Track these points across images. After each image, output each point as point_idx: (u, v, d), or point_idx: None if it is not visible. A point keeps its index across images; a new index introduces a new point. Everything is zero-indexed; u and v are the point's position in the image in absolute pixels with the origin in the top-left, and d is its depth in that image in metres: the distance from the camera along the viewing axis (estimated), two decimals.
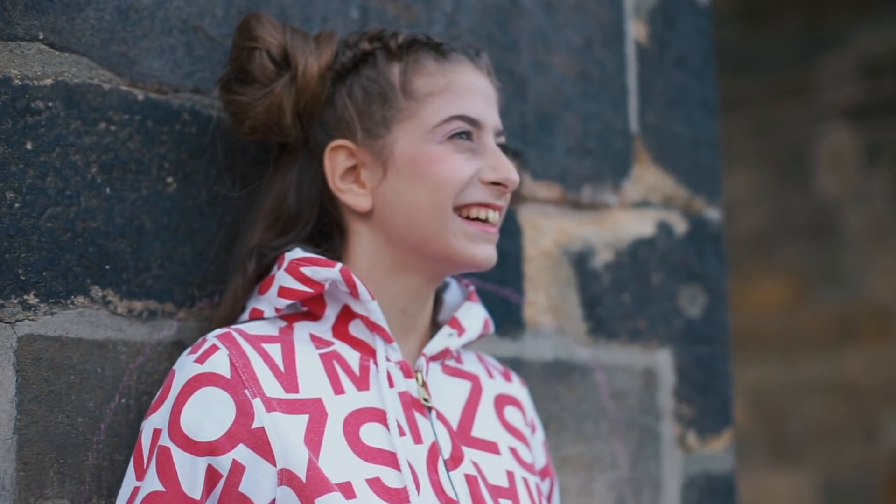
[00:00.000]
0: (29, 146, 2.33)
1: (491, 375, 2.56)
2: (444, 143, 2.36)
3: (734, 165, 7.70)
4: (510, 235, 2.97)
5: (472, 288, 2.58)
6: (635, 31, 3.29)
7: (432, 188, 2.35)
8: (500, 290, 2.94)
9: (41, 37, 2.36)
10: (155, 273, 2.45)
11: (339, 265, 2.31)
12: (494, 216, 2.40)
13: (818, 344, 7.52)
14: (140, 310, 2.43)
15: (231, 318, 2.41)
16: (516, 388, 2.60)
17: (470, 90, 2.41)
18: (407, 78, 2.40)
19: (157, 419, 2.24)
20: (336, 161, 2.41)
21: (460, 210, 2.37)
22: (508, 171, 2.38)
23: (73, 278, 2.35)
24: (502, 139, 2.46)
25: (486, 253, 2.39)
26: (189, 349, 2.29)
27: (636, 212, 3.23)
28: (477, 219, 2.38)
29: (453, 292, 2.59)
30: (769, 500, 7.43)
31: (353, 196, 2.40)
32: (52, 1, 2.37)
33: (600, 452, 3.06)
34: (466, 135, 2.38)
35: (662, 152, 3.30)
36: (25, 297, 2.30)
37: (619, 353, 3.14)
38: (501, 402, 2.52)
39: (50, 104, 2.36)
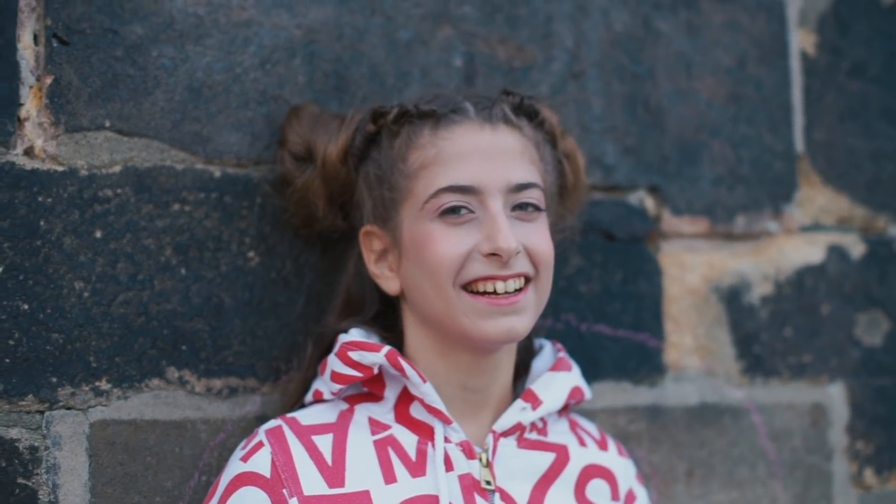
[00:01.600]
0: (98, 235, 2.13)
1: (583, 444, 2.18)
2: (435, 221, 2.01)
3: None
4: (646, 277, 2.54)
5: (561, 354, 2.19)
6: (801, 41, 2.76)
7: (429, 272, 2.01)
8: (635, 336, 2.53)
9: (108, 125, 2.15)
10: (236, 349, 2.21)
11: (385, 349, 2.01)
12: (506, 286, 2.01)
13: None
14: (220, 387, 2.20)
15: (297, 397, 2.17)
16: (612, 458, 2.20)
17: (464, 154, 2.02)
18: (401, 154, 2.06)
19: None
20: (369, 245, 2.12)
21: (470, 285, 2.00)
22: (501, 239, 1.98)
23: (147, 361, 2.14)
24: (530, 192, 2.05)
25: (500, 327, 2.00)
26: (243, 442, 2.07)
27: (804, 237, 2.71)
28: (485, 292, 1.99)
29: (544, 358, 2.22)
30: None
31: (384, 280, 2.11)
32: (117, 88, 2.15)
33: (757, 497, 2.60)
34: (459, 208, 2.01)
35: (835, 171, 2.76)
36: (97, 383, 2.11)
37: (781, 391, 2.65)
38: (588, 474, 2.14)
39: (119, 191, 2.14)
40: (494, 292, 2.00)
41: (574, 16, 2.53)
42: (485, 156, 2.03)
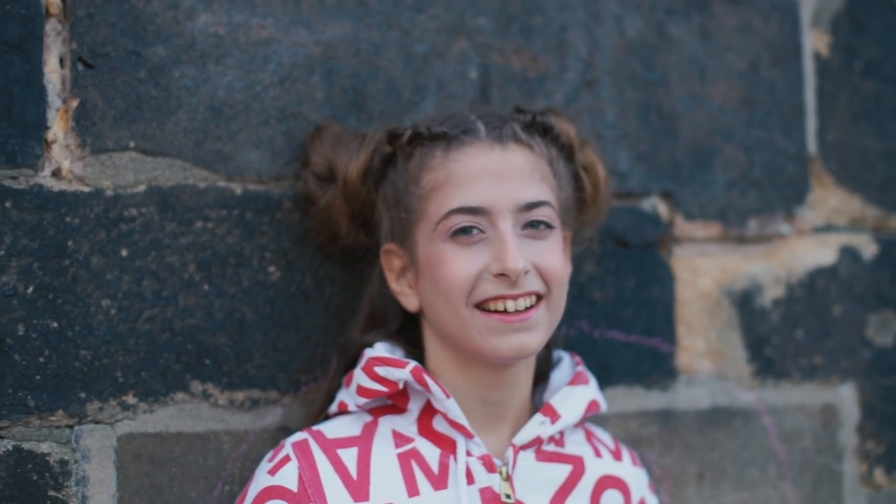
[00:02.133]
0: (124, 253, 2.29)
1: (598, 455, 2.34)
2: (447, 241, 2.17)
3: None
4: (659, 282, 2.70)
5: (580, 368, 2.36)
6: (814, 42, 2.90)
7: (442, 292, 2.18)
8: (647, 341, 2.69)
9: (132, 145, 2.30)
10: (257, 362, 2.38)
11: (411, 365, 2.17)
12: (516, 304, 2.17)
13: None
14: (242, 400, 2.36)
15: (321, 407, 2.34)
16: (626, 468, 2.37)
17: (473, 176, 2.18)
18: (415, 176, 2.22)
19: None
20: (390, 263, 2.29)
21: (482, 304, 2.17)
22: (509, 260, 2.14)
23: (171, 376, 2.31)
24: (541, 210, 2.20)
25: (512, 344, 2.17)
26: (269, 454, 2.23)
27: (816, 238, 2.86)
28: (496, 310, 2.16)
29: (563, 371, 2.39)
30: None
31: (405, 297, 2.28)
32: (141, 109, 2.30)
33: (768, 498, 2.77)
34: (470, 228, 2.16)
35: (847, 171, 2.91)
36: (124, 397, 2.27)
37: (791, 393, 2.82)
38: (602, 485, 2.31)
39: (143, 210, 2.30)
40: (505, 311, 2.16)
41: (588, 24, 2.67)
42: (494, 176, 2.18)
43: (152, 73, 2.32)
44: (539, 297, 2.19)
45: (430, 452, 2.21)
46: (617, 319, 2.68)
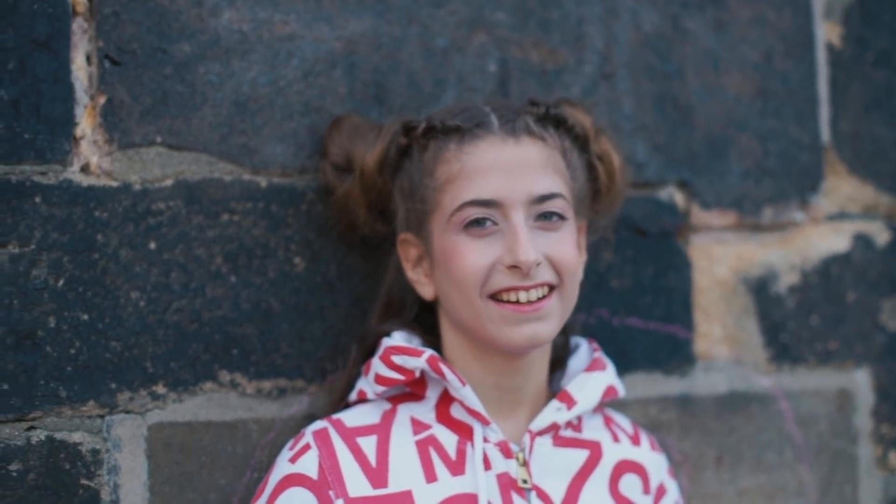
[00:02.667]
0: (152, 246, 2.27)
1: (616, 439, 2.32)
2: (461, 233, 2.15)
3: None
4: (676, 270, 2.68)
5: (597, 354, 2.33)
6: (827, 33, 2.87)
7: (456, 283, 2.16)
8: (665, 328, 2.66)
9: (159, 140, 2.29)
10: (284, 352, 2.36)
11: (427, 354, 2.15)
12: (528, 295, 2.14)
13: None
14: (269, 389, 2.35)
15: (342, 395, 2.32)
16: (644, 453, 2.34)
17: (486, 169, 2.15)
18: (429, 168, 2.19)
19: None
20: (407, 252, 2.28)
21: (496, 294, 2.14)
22: (521, 252, 2.11)
23: (200, 366, 2.30)
24: (553, 202, 2.17)
25: (524, 334, 2.14)
26: (290, 442, 2.20)
27: (830, 226, 2.84)
28: (509, 301, 2.14)
29: (580, 357, 2.36)
30: None
31: (421, 286, 2.26)
32: (167, 105, 2.29)
33: (784, 482, 2.75)
34: (483, 220, 2.14)
35: (860, 160, 2.88)
36: (154, 387, 2.26)
37: (807, 378, 2.79)
38: (620, 469, 2.29)
39: (171, 203, 2.29)
40: (518, 301, 2.14)
41: (604, 18, 2.64)
42: (507, 169, 2.15)
43: (178, 70, 2.31)
44: (551, 288, 2.17)
45: (448, 439, 2.19)
46: (636, 307, 2.66)
